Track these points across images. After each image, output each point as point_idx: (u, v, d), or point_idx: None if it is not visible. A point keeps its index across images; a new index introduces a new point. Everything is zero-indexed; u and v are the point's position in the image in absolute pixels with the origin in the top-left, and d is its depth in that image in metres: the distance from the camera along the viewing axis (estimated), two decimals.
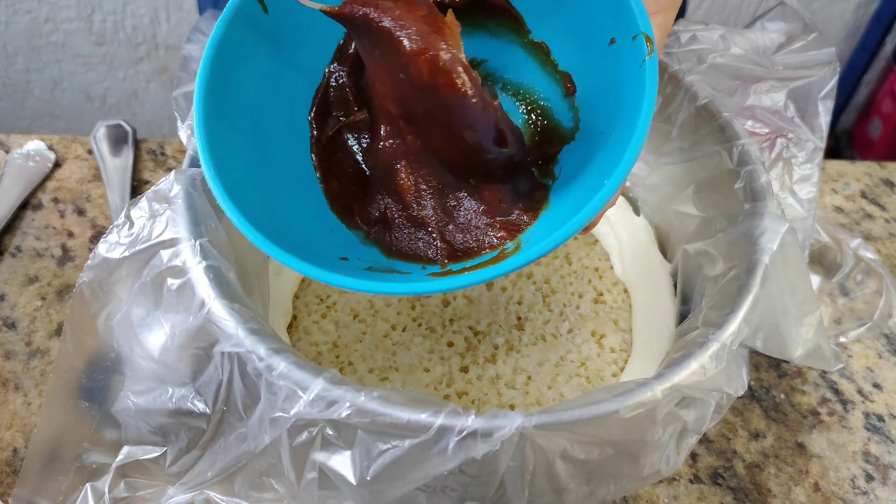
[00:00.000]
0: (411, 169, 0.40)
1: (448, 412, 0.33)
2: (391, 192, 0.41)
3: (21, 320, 0.55)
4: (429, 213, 0.40)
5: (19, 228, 0.61)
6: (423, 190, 0.40)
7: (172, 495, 0.41)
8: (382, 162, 0.41)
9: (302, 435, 0.34)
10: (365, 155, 0.43)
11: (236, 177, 0.37)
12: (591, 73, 0.40)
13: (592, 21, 0.38)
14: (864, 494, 0.50)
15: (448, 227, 0.40)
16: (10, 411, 0.50)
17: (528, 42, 0.42)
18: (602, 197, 0.33)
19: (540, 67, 0.42)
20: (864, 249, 0.60)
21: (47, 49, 1.22)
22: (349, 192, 0.42)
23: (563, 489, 0.36)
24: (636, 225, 0.54)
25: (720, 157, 0.47)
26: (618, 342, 0.50)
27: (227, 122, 0.38)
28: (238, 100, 0.39)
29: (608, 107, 0.38)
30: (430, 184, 0.40)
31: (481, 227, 0.40)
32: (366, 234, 0.41)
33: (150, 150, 0.67)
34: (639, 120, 0.33)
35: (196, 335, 0.37)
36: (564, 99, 0.41)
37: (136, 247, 0.39)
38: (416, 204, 0.40)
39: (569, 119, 0.41)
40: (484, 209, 0.40)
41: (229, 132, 0.38)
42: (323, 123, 0.43)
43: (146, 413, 0.39)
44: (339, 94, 0.43)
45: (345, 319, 0.50)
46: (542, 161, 0.41)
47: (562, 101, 0.42)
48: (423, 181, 0.40)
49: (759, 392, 0.54)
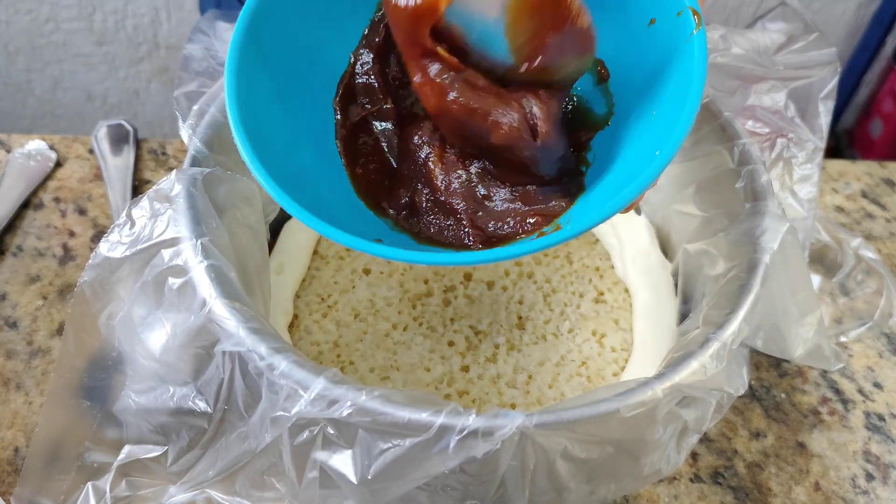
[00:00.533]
0: (442, 158, 0.40)
1: (449, 411, 0.33)
2: (421, 178, 0.41)
3: (22, 320, 0.55)
4: (459, 200, 0.40)
5: (20, 228, 0.61)
6: (456, 177, 0.40)
7: (173, 494, 0.41)
8: (412, 150, 0.41)
9: (303, 434, 0.34)
10: (391, 143, 0.42)
11: (270, 155, 0.37)
12: (627, 56, 0.40)
13: (630, 5, 0.38)
14: (865, 494, 0.50)
15: (479, 213, 0.40)
16: (12, 410, 0.50)
17: None
18: (656, 167, 0.33)
19: None
20: (864, 249, 0.60)
21: (48, 48, 1.22)
22: (375, 179, 0.42)
23: (563, 488, 0.36)
24: (637, 224, 0.54)
25: (721, 156, 0.47)
26: (618, 341, 0.50)
27: (258, 86, 0.38)
28: (270, 64, 0.39)
29: (647, 86, 0.38)
30: (463, 171, 0.40)
31: (515, 214, 0.39)
32: (394, 220, 0.41)
33: (151, 149, 0.67)
34: (690, 90, 0.34)
35: (197, 334, 0.37)
36: (597, 86, 0.41)
37: (137, 246, 0.39)
38: (447, 191, 0.40)
39: (602, 105, 0.41)
40: (518, 197, 0.40)
41: (260, 96, 0.38)
42: (347, 109, 0.42)
43: (147, 412, 0.39)
44: (364, 82, 0.43)
45: (346, 319, 0.50)
46: (574, 149, 0.41)
47: (594, 88, 0.42)
48: (455, 169, 0.40)
49: (760, 391, 0.54)
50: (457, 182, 0.40)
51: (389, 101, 0.42)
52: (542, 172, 0.39)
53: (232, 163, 0.46)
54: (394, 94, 0.42)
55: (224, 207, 0.42)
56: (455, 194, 0.40)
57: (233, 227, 0.42)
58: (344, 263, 0.53)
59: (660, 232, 0.54)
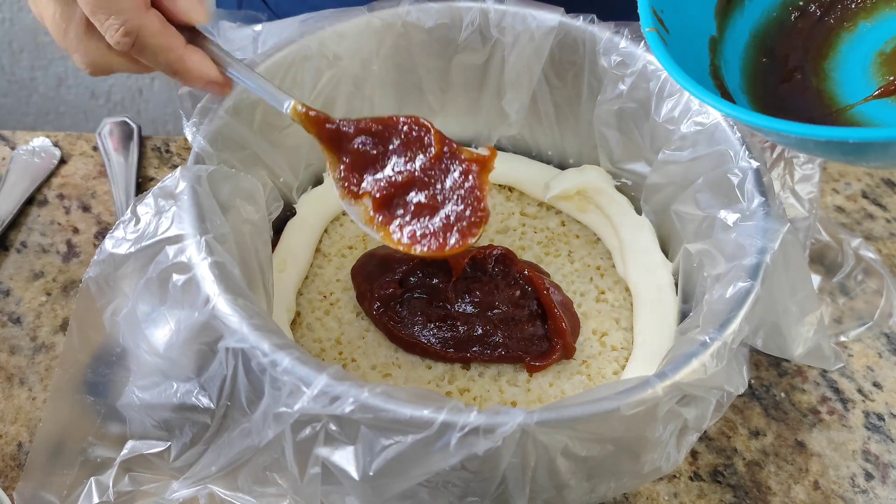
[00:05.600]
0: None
1: (450, 408, 0.33)
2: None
3: (26, 315, 0.55)
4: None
5: (25, 224, 0.61)
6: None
7: (176, 489, 0.41)
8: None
9: (305, 430, 0.35)
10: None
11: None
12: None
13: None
14: (864, 493, 0.50)
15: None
16: (15, 406, 0.51)
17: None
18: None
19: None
20: (864, 249, 0.61)
21: (52, 46, 1.22)
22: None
23: (564, 485, 0.36)
24: (638, 224, 0.54)
25: (722, 156, 0.47)
26: (619, 340, 0.50)
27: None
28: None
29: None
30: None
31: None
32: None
33: (154, 147, 0.67)
34: None
35: (201, 331, 0.37)
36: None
37: (141, 243, 0.39)
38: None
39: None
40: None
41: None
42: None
43: (151, 408, 0.39)
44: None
45: (347, 316, 0.50)
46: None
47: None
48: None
49: (760, 390, 0.54)
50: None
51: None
52: None
53: (235, 160, 0.47)
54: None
55: (228, 205, 0.42)
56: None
57: (236, 224, 0.43)
58: (346, 261, 0.53)
59: (660, 231, 0.54)
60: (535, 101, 0.56)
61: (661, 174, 0.51)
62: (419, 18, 0.53)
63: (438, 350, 0.47)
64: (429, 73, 0.56)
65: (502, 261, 0.49)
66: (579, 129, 0.57)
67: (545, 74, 0.54)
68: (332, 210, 0.55)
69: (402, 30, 0.53)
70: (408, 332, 0.47)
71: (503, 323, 0.47)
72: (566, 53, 0.53)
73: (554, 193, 0.56)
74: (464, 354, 0.47)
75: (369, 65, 0.54)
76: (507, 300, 0.48)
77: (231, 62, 0.44)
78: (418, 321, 0.47)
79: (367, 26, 0.52)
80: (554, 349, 0.47)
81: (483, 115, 0.59)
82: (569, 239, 0.56)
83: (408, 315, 0.48)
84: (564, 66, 0.54)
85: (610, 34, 0.51)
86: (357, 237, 0.55)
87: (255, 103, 0.48)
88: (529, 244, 0.55)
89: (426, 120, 0.44)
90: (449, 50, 0.55)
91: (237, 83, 0.45)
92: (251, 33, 0.52)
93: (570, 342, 0.47)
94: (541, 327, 0.48)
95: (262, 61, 0.49)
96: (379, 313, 0.48)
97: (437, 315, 0.47)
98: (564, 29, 0.52)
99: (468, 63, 0.55)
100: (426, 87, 0.57)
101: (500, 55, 0.54)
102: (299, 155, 0.54)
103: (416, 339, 0.47)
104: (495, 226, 0.56)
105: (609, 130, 0.54)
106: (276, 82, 0.48)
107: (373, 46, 0.53)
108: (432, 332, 0.47)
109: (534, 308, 0.48)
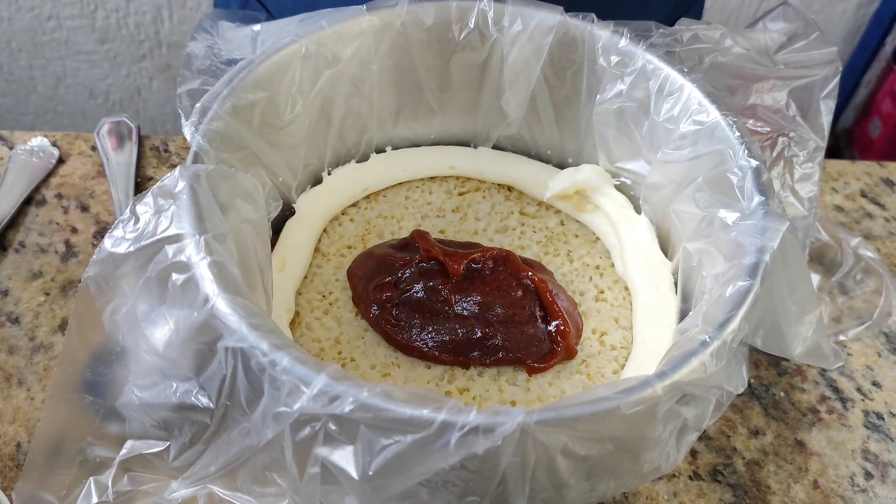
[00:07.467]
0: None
1: (450, 408, 0.33)
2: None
3: (25, 315, 0.55)
4: None
5: (23, 224, 0.61)
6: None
7: (175, 489, 0.41)
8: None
9: (305, 430, 0.34)
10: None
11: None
12: None
13: None
14: (864, 492, 0.50)
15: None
16: (14, 406, 0.51)
17: None
18: None
19: None
20: (863, 248, 0.61)
21: (50, 46, 1.22)
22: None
23: (563, 485, 0.36)
24: (637, 223, 0.54)
25: (721, 155, 0.47)
26: (619, 339, 0.50)
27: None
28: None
29: None
30: None
31: None
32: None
33: (153, 146, 0.67)
34: None
35: (200, 330, 0.37)
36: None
37: (141, 242, 0.39)
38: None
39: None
40: None
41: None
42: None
43: (150, 407, 0.39)
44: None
45: (347, 316, 0.50)
46: None
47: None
48: None
49: (759, 390, 0.54)
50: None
51: None
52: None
53: (234, 160, 0.46)
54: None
55: (227, 204, 0.42)
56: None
57: (235, 223, 0.42)
58: (345, 261, 0.53)
59: (660, 230, 0.54)
60: (534, 100, 0.56)
61: (660, 173, 0.51)
62: (418, 17, 0.53)
63: (437, 355, 0.47)
64: (427, 72, 0.56)
65: (503, 262, 0.49)
66: (578, 129, 0.57)
67: (544, 74, 0.54)
68: (331, 210, 0.55)
69: (400, 29, 0.53)
70: (405, 336, 0.47)
71: (503, 325, 0.47)
72: (565, 53, 0.53)
73: (553, 193, 0.56)
74: (463, 359, 0.47)
75: (368, 64, 0.54)
76: (508, 301, 0.48)
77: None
78: (416, 324, 0.47)
79: (365, 26, 0.52)
80: (556, 351, 0.47)
81: (482, 114, 0.59)
82: (568, 238, 0.56)
83: (405, 318, 0.47)
84: (563, 65, 0.54)
85: (609, 33, 0.51)
86: (356, 237, 0.55)
87: (255, 103, 0.48)
88: (528, 243, 0.55)
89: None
90: (448, 49, 0.55)
91: None
92: (250, 33, 0.52)
93: (573, 344, 0.47)
94: (542, 328, 0.48)
95: (262, 61, 0.49)
96: (376, 317, 0.48)
97: (436, 318, 0.47)
98: (564, 28, 0.52)
99: (467, 62, 0.55)
100: (425, 87, 0.57)
101: (499, 54, 0.54)
102: (298, 155, 0.54)
103: (413, 344, 0.47)
104: (494, 225, 0.56)
105: (608, 129, 0.54)
106: (275, 82, 0.48)
107: (371, 46, 0.53)
108: (430, 336, 0.47)
109: (535, 309, 0.48)
